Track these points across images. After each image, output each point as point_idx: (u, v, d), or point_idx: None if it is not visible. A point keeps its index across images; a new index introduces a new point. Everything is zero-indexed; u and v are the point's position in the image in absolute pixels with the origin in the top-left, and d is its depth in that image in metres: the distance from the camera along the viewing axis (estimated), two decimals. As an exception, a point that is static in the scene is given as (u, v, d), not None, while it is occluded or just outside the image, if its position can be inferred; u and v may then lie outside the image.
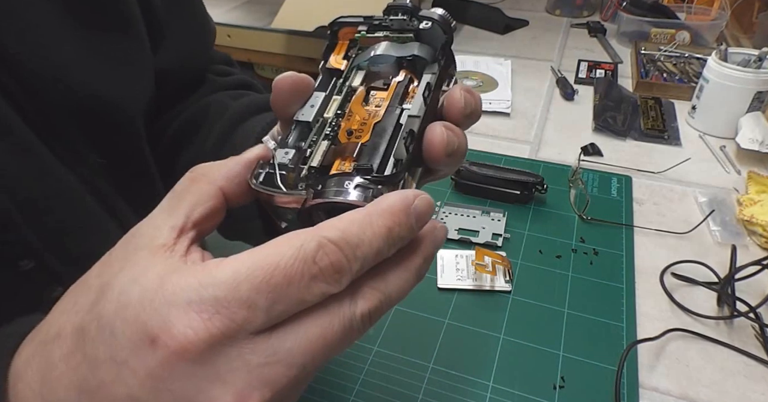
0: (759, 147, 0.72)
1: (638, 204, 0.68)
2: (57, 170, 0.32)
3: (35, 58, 0.31)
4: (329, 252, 0.18)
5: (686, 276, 0.56)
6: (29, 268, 0.30)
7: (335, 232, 0.18)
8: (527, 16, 1.28)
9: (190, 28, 0.45)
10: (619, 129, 0.82)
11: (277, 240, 0.18)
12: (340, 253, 0.18)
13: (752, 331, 0.51)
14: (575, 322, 0.53)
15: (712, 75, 0.79)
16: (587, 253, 0.60)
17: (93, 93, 0.34)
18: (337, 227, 0.19)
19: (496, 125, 0.87)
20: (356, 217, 0.19)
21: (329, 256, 0.18)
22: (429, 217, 0.21)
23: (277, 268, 0.17)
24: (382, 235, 0.19)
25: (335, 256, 0.18)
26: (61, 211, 0.32)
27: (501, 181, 0.67)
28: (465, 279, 0.57)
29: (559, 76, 0.99)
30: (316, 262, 0.18)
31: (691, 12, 1.13)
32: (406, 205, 0.20)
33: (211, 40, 0.50)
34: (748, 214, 0.63)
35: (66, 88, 0.33)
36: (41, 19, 0.31)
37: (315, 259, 0.18)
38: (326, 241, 0.18)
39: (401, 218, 0.20)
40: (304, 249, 0.18)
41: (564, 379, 0.47)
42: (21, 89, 0.30)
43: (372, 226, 0.19)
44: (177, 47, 0.43)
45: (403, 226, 0.20)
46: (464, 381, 0.48)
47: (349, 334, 0.19)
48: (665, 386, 0.47)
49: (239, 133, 0.40)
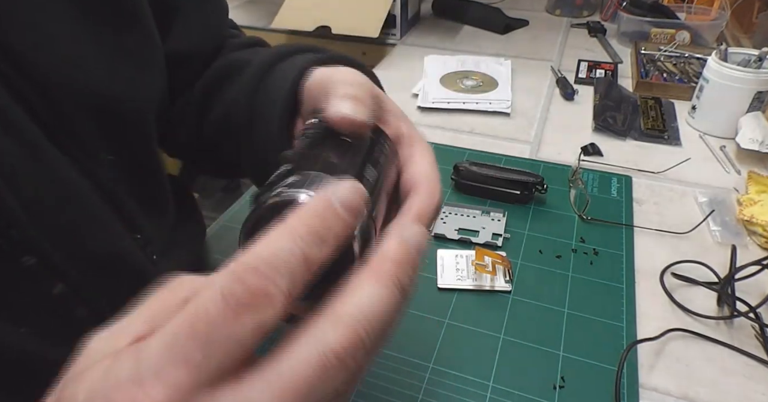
0: (759, 147, 0.72)
1: (638, 204, 0.68)
2: (64, 168, 0.32)
3: (42, 55, 0.31)
4: (245, 278, 0.16)
5: (686, 276, 0.56)
6: (31, 264, 0.30)
7: (246, 255, 0.17)
8: (527, 16, 1.28)
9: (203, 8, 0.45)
10: (619, 129, 0.82)
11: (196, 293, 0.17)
12: (256, 273, 0.16)
13: (752, 331, 0.51)
14: (575, 322, 0.53)
15: (712, 75, 0.79)
16: (587, 253, 0.60)
17: (102, 90, 0.34)
18: (248, 250, 0.17)
19: (496, 125, 0.87)
20: (270, 231, 0.17)
21: (246, 282, 0.16)
22: (361, 203, 0.19)
23: (196, 317, 0.16)
24: (301, 235, 0.17)
25: (252, 279, 0.16)
26: (67, 209, 0.32)
27: (501, 181, 0.67)
28: (465, 279, 0.57)
29: (559, 76, 0.99)
30: (234, 294, 0.16)
31: (691, 12, 1.13)
32: (324, 198, 0.18)
33: (225, 17, 0.49)
34: (748, 214, 0.63)
35: (74, 84, 0.32)
36: (47, 15, 0.31)
37: (233, 292, 0.16)
38: (239, 268, 0.16)
39: (321, 211, 0.18)
40: (220, 286, 0.16)
41: (564, 379, 0.47)
42: (28, 86, 0.30)
43: (289, 231, 0.17)
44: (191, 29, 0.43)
45: (328, 219, 0.18)
46: (464, 381, 0.48)
47: (324, 378, 0.16)
48: (665, 386, 0.47)
49: (276, 70, 0.38)
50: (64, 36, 0.32)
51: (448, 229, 0.64)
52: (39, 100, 0.31)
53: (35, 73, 0.30)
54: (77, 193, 0.33)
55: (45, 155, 0.31)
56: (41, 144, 0.30)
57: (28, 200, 0.29)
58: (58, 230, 0.31)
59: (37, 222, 0.30)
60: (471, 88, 0.95)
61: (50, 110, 0.31)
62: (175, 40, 0.42)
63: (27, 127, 0.30)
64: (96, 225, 0.34)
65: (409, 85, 0.98)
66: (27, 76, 0.30)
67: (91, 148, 0.34)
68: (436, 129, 0.86)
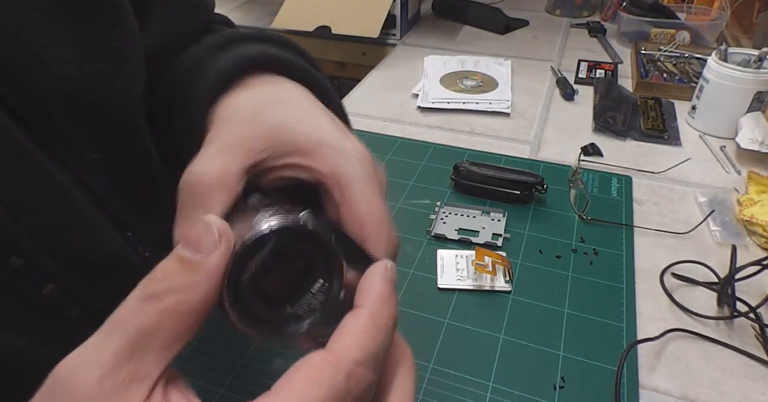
0: (759, 147, 0.72)
1: (638, 204, 0.68)
2: (48, 167, 0.31)
3: (19, 54, 0.30)
4: (360, 378, 0.17)
5: (686, 276, 0.56)
6: (19, 264, 0.30)
7: (357, 352, 0.17)
8: (527, 16, 1.28)
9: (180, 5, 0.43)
10: (619, 129, 0.82)
11: (296, 381, 0.17)
12: (369, 371, 0.17)
13: (752, 331, 0.51)
14: (575, 322, 0.53)
15: (712, 75, 0.79)
16: (587, 253, 0.60)
17: (83, 87, 0.33)
18: (356, 346, 0.17)
19: (496, 125, 0.87)
20: (365, 323, 0.18)
21: (361, 383, 0.17)
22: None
23: None
24: (390, 328, 0.18)
25: (367, 379, 0.17)
26: (51, 211, 0.32)
27: (501, 181, 0.67)
28: (465, 279, 0.57)
29: (559, 76, 0.99)
30: (350, 392, 0.16)
31: (691, 12, 1.13)
32: (392, 284, 0.19)
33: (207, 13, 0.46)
34: (748, 214, 0.63)
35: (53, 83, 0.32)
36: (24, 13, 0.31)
37: (349, 391, 0.16)
38: (354, 368, 0.17)
39: (394, 300, 0.19)
40: (335, 386, 0.16)
41: (564, 379, 0.47)
42: (8, 87, 0.30)
43: (380, 326, 0.18)
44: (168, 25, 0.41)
45: (396, 305, 0.19)
46: (464, 381, 0.48)
47: None
48: (665, 386, 0.47)
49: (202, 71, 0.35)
50: (42, 33, 0.31)
51: (448, 229, 0.64)
52: (20, 100, 0.30)
53: (11, 71, 0.30)
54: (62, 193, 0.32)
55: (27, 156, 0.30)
56: (23, 145, 0.30)
57: (9, 201, 0.29)
58: (43, 231, 0.31)
59: (21, 223, 0.29)
60: (471, 88, 0.95)
61: (31, 110, 0.31)
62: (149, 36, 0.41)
63: (7, 128, 0.29)
64: (82, 224, 0.33)
65: (409, 85, 0.98)
66: (7, 77, 0.29)
67: (75, 147, 0.34)
68: (435, 129, 0.86)
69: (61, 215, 0.32)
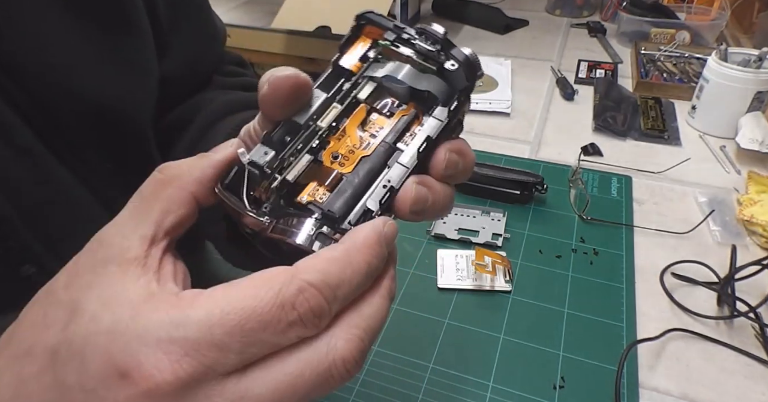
0: (759, 147, 0.72)
1: (638, 204, 0.68)
2: (61, 176, 0.32)
3: (39, 63, 0.31)
4: (309, 297, 0.17)
5: (686, 276, 0.56)
6: (30, 273, 0.30)
7: (315, 275, 0.18)
8: (527, 16, 1.28)
9: (196, 34, 0.45)
10: (619, 129, 0.82)
11: (254, 279, 0.18)
12: (321, 297, 0.18)
13: (752, 331, 0.51)
14: (575, 322, 0.53)
15: (712, 75, 0.79)
16: (587, 253, 0.60)
17: (97, 95, 0.34)
18: (317, 269, 0.18)
19: (496, 125, 0.87)
20: (335, 255, 0.19)
21: (309, 301, 0.17)
22: (395, 240, 0.21)
23: (253, 312, 0.17)
24: (362, 271, 0.19)
25: (315, 301, 0.18)
26: (65, 217, 0.32)
27: (501, 181, 0.67)
28: (465, 279, 0.57)
29: (559, 76, 0.99)
30: (295, 308, 0.17)
31: (691, 12, 1.13)
32: (379, 235, 0.20)
33: (219, 46, 0.49)
34: (748, 214, 0.63)
35: (71, 93, 0.32)
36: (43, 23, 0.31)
37: (294, 304, 0.17)
38: (306, 285, 0.18)
39: (377, 250, 0.20)
40: (283, 294, 0.17)
41: (564, 379, 0.47)
42: (25, 95, 0.30)
43: (352, 263, 0.19)
44: (182, 54, 0.43)
45: (380, 257, 0.20)
46: (464, 381, 0.48)
47: (327, 380, 0.18)
48: (665, 386, 0.47)
49: (212, 132, 0.39)
50: (59, 42, 0.32)
51: (448, 229, 0.64)
52: (35, 108, 0.30)
53: (31, 82, 0.30)
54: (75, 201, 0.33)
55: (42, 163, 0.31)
56: (38, 152, 0.30)
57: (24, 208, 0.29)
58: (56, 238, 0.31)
59: (34, 230, 0.30)
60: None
61: (45, 118, 0.31)
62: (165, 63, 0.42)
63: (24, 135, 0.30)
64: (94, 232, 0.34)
65: (409, 85, 0.98)
66: (23, 85, 0.30)
67: (89, 155, 0.34)
68: (436, 129, 0.86)
69: (75, 222, 0.33)
